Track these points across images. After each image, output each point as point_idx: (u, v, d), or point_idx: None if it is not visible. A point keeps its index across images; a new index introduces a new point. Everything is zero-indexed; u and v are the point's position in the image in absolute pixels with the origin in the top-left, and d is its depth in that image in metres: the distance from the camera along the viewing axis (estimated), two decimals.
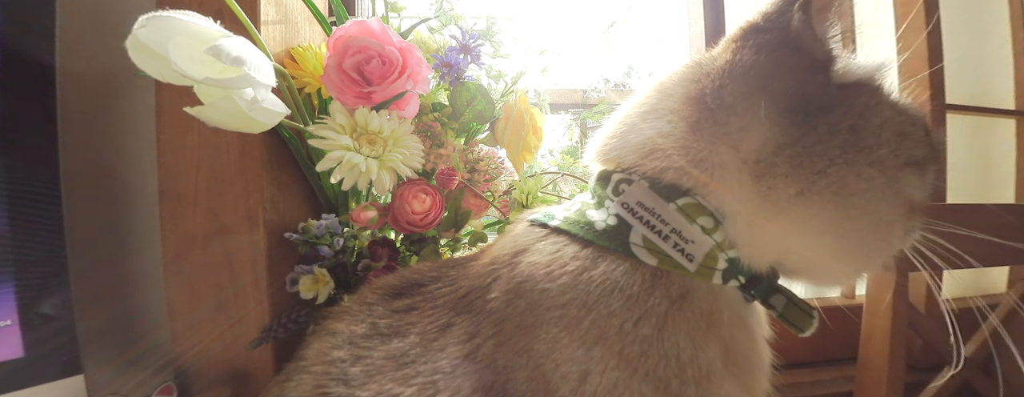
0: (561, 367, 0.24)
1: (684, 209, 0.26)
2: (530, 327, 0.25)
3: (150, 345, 0.46)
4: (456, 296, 0.28)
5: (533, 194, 0.48)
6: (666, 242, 0.26)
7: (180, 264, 0.42)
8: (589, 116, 1.98)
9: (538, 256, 0.27)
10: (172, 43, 0.29)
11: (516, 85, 0.54)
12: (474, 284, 0.28)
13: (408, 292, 0.31)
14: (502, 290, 0.27)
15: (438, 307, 0.28)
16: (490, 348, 0.25)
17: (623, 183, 0.28)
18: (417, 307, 0.29)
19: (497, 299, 0.26)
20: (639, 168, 0.28)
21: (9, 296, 0.36)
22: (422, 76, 0.43)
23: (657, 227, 0.26)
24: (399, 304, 0.30)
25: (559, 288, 0.25)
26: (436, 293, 0.29)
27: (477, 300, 0.27)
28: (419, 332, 0.27)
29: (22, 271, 0.37)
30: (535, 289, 0.25)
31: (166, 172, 0.42)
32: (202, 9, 0.33)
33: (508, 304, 0.26)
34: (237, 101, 0.32)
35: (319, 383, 0.26)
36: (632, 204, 0.27)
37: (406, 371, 0.25)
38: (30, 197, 0.38)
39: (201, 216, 0.42)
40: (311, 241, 0.42)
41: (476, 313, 0.27)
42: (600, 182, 0.30)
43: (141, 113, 0.46)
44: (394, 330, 0.28)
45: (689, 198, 0.26)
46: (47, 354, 0.38)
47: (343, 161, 0.38)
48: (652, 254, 0.26)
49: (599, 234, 0.27)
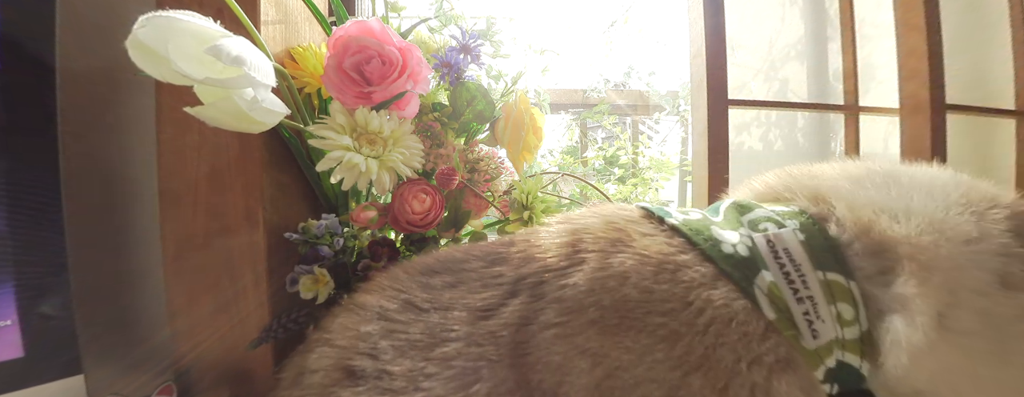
0: (642, 386, 0.20)
1: (830, 285, 0.23)
2: (612, 328, 0.21)
3: (150, 345, 0.46)
4: (513, 274, 0.25)
5: (533, 194, 0.48)
6: (799, 305, 0.22)
7: (180, 264, 0.42)
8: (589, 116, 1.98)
9: (649, 251, 0.23)
10: (172, 43, 0.29)
11: (516, 85, 0.54)
12: (546, 264, 0.24)
13: (447, 269, 0.27)
14: (588, 277, 0.23)
15: (488, 286, 0.25)
16: (549, 339, 0.21)
17: (769, 222, 0.25)
18: (463, 282, 0.26)
19: (577, 286, 0.23)
20: (830, 201, 0.24)
21: (9, 296, 0.36)
22: (422, 76, 0.43)
23: (795, 284, 0.23)
24: (438, 280, 0.26)
25: (664, 294, 0.22)
26: (483, 271, 0.26)
27: (544, 283, 0.23)
28: (465, 308, 0.24)
29: (22, 271, 0.37)
30: (637, 286, 0.22)
31: (166, 172, 0.42)
32: (202, 9, 0.33)
33: (590, 294, 0.22)
34: (237, 101, 0.32)
35: (344, 356, 0.24)
36: (779, 247, 0.24)
37: (445, 350, 0.22)
38: (30, 197, 0.38)
39: (201, 216, 0.42)
40: (311, 241, 0.42)
41: (539, 297, 0.23)
42: (738, 208, 0.27)
43: (141, 113, 0.46)
44: (434, 305, 0.24)
45: (842, 277, 0.23)
46: (47, 354, 0.38)
47: (343, 161, 0.38)
48: (773, 308, 0.22)
49: (724, 256, 0.23)
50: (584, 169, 1.98)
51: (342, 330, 0.25)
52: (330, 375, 0.23)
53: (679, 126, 2.25)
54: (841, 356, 0.23)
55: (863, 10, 1.06)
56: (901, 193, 0.25)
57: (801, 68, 1.12)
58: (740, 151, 1.11)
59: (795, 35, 1.13)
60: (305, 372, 0.25)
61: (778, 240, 0.24)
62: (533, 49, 1.75)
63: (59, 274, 0.39)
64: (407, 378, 0.21)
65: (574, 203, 0.58)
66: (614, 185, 1.91)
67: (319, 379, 0.23)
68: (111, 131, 0.48)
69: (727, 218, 0.27)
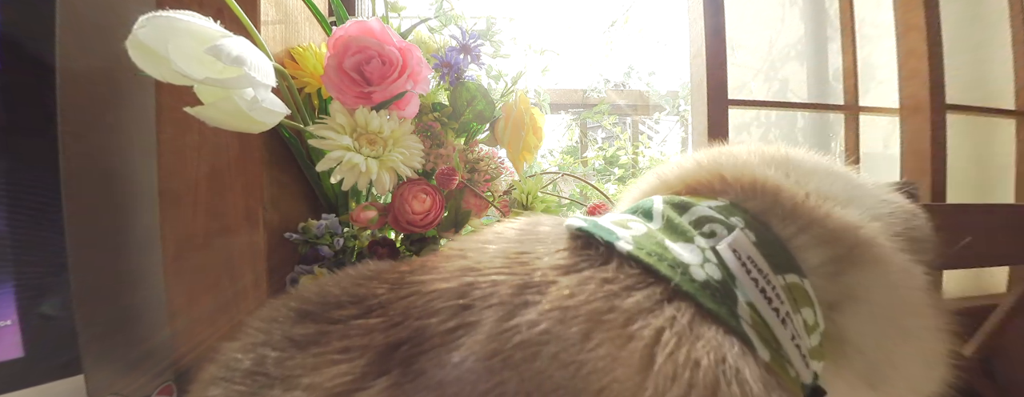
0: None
1: (792, 289, 0.18)
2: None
3: (150, 345, 0.46)
4: (383, 339, 0.17)
5: (533, 194, 0.48)
6: (784, 328, 0.17)
7: (180, 264, 0.42)
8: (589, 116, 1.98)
9: (578, 298, 0.16)
10: (172, 43, 0.29)
11: (516, 85, 0.54)
12: (420, 325, 0.17)
13: (320, 313, 0.20)
14: (479, 351, 0.15)
15: (353, 349, 0.17)
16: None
17: (715, 224, 0.19)
18: (320, 341, 0.18)
19: (462, 365, 0.15)
20: (774, 192, 0.21)
21: (9, 296, 0.36)
22: (422, 76, 0.43)
23: (774, 302, 0.17)
24: (301, 331, 0.19)
25: (622, 371, 0.14)
26: (351, 324, 0.18)
27: (420, 356, 0.15)
28: (309, 388, 0.16)
29: (22, 271, 0.37)
30: (560, 360, 0.14)
31: (166, 172, 0.42)
32: (202, 9, 0.33)
33: (487, 377, 0.14)
34: (237, 101, 0.32)
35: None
36: (743, 256, 0.18)
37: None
38: (30, 197, 0.38)
39: (201, 216, 0.42)
40: (311, 241, 0.42)
41: (416, 377, 0.15)
42: (675, 209, 0.21)
43: (141, 113, 0.46)
44: (281, 372, 0.17)
45: (797, 277, 0.19)
46: (47, 354, 0.38)
47: (343, 161, 0.38)
48: (764, 343, 0.16)
49: (699, 287, 0.17)
50: (584, 169, 1.98)
51: (199, 386, 0.20)
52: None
53: (679, 126, 2.25)
54: (817, 370, 0.19)
55: (863, 10, 1.06)
56: (833, 180, 0.23)
57: (801, 68, 1.12)
58: None
59: (795, 35, 1.13)
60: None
61: (740, 247, 0.18)
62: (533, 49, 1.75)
63: (59, 274, 0.39)
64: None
65: (574, 203, 0.58)
66: (614, 185, 1.91)
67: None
68: (111, 131, 0.48)
69: (668, 223, 0.20)
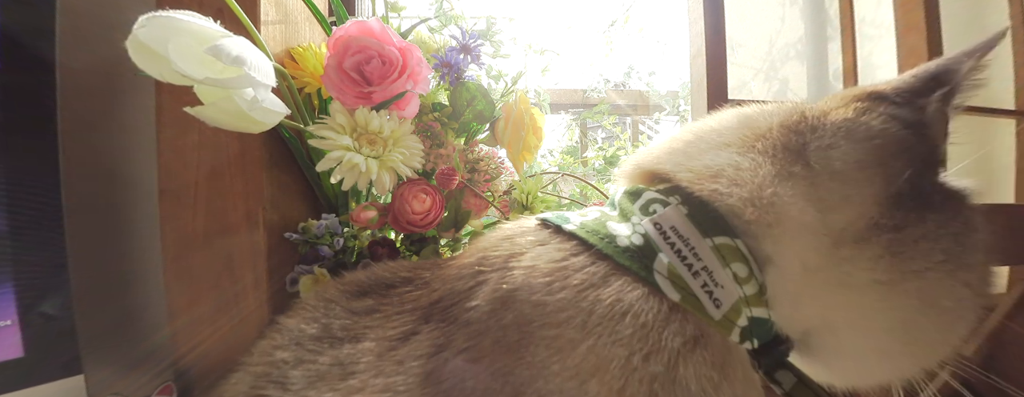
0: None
1: (720, 249, 0.24)
2: (515, 346, 0.21)
3: (150, 345, 0.46)
4: (427, 300, 0.25)
5: (533, 194, 0.48)
6: (695, 279, 0.23)
7: (180, 264, 0.42)
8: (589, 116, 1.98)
9: (539, 262, 0.23)
10: (172, 43, 0.29)
11: (516, 85, 0.54)
12: (451, 288, 0.24)
13: (374, 291, 0.27)
14: (487, 298, 0.23)
15: (404, 312, 0.25)
16: (459, 365, 0.21)
17: (656, 203, 0.25)
18: (380, 309, 0.25)
19: (479, 308, 0.23)
20: (690, 187, 0.25)
21: (9, 296, 0.36)
22: (422, 76, 0.43)
23: (688, 259, 0.23)
24: (360, 304, 0.26)
25: (557, 303, 0.22)
26: (404, 296, 0.26)
27: (452, 307, 0.23)
28: (376, 338, 0.23)
29: (22, 271, 0.37)
30: (528, 301, 0.22)
31: (166, 172, 0.42)
32: (202, 9, 0.33)
33: (491, 315, 0.22)
34: (237, 101, 0.32)
35: (256, 384, 0.24)
36: (665, 227, 0.24)
37: (352, 382, 0.22)
38: (30, 197, 0.38)
39: (201, 216, 0.42)
40: (311, 241, 0.42)
41: (449, 322, 0.23)
42: (628, 196, 0.27)
43: (141, 113, 0.46)
44: (348, 333, 0.24)
45: (728, 239, 0.24)
46: (47, 354, 0.38)
47: (343, 161, 0.38)
48: (676, 288, 0.22)
49: (620, 251, 0.23)
50: (584, 169, 1.98)
51: (260, 355, 0.25)
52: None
53: (679, 126, 2.25)
54: (749, 313, 0.24)
55: (863, 10, 1.06)
56: (724, 153, 0.26)
57: (801, 68, 1.12)
58: None
59: (795, 35, 1.13)
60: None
61: (664, 220, 0.25)
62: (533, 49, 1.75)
63: (59, 274, 0.39)
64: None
65: (574, 203, 0.58)
66: (614, 185, 1.90)
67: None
68: (111, 131, 0.48)
69: (622, 209, 0.27)
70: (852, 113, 0.26)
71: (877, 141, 0.25)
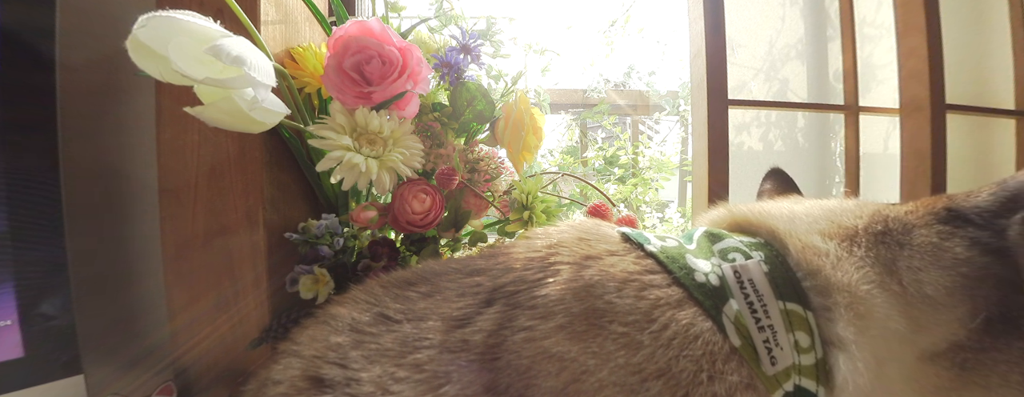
0: (605, 390, 0.21)
1: (789, 314, 0.25)
2: (582, 335, 0.22)
3: (150, 345, 0.46)
4: (491, 285, 0.26)
5: (533, 194, 0.48)
6: (760, 333, 0.24)
7: (180, 264, 0.42)
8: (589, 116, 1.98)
9: (615, 269, 0.25)
10: (172, 43, 0.29)
11: (516, 85, 0.54)
12: (521, 275, 0.25)
13: (425, 279, 0.28)
14: (559, 288, 0.24)
15: (465, 294, 0.26)
16: (518, 342, 0.22)
17: (737, 253, 0.27)
18: (439, 291, 0.26)
19: (548, 295, 0.24)
20: (792, 252, 0.26)
21: (9, 296, 0.36)
22: (422, 76, 0.43)
23: (758, 313, 0.24)
24: (414, 291, 0.27)
25: (628, 307, 0.23)
26: (462, 281, 0.27)
27: (519, 293, 0.24)
28: (439, 317, 0.24)
29: (22, 271, 0.37)
30: (602, 297, 0.23)
31: (166, 172, 0.42)
32: (202, 9, 0.33)
33: (560, 302, 0.23)
34: (237, 101, 0.32)
35: (312, 366, 0.24)
36: (744, 278, 0.25)
37: (417, 357, 0.23)
38: (30, 197, 0.38)
39: (201, 216, 0.42)
40: (311, 241, 0.42)
41: (515, 307, 0.24)
42: (709, 237, 0.29)
43: (141, 113, 0.46)
44: (408, 315, 0.25)
45: (800, 308, 0.25)
46: (47, 354, 0.38)
47: (343, 161, 0.38)
48: (739, 335, 0.24)
49: (697, 285, 0.25)
50: (584, 169, 1.98)
51: (311, 341, 0.25)
52: (296, 385, 0.23)
53: (679, 126, 2.25)
54: (798, 381, 0.25)
55: (863, 10, 1.06)
56: (831, 241, 0.27)
57: (801, 68, 1.12)
58: (740, 151, 1.11)
59: (795, 35, 1.13)
60: (268, 383, 0.25)
61: (744, 271, 0.26)
62: (533, 49, 1.75)
63: (59, 274, 0.39)
64: (375, 384, 0.22)
65: (574, 203, 0.58)
66: (614, 185, 1.90)
67: (284, 389, 0.23)
68: (111, 131, 0.48)
69: (700, 246, 0.28)
70: (936, 237, 0.26)
71: (963, 270, 0.25)
